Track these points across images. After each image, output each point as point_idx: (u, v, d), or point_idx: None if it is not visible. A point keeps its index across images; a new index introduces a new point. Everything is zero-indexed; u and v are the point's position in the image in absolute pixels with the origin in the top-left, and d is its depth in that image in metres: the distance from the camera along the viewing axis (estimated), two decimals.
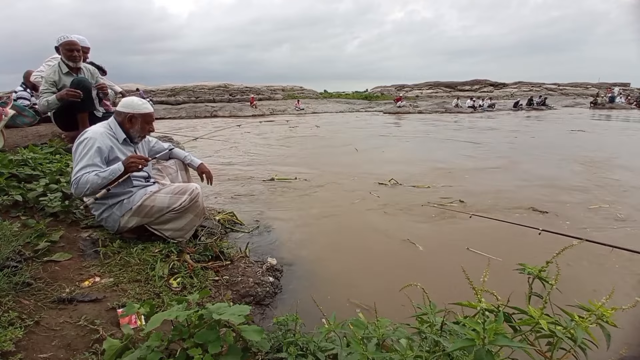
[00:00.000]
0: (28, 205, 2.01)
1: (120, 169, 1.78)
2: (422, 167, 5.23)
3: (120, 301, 1.44)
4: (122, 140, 1.94)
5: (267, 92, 27.23)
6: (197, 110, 19.75)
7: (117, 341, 1.04)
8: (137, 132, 1.97)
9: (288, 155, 6.61)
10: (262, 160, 5.99)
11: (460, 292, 1.79)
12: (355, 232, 2.87)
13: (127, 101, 1.97)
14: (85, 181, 1.71)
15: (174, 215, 1.93)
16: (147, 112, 1.97)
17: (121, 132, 1.94)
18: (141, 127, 1.97)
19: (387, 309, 1.63)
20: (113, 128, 1.94)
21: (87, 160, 1.76)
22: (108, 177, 1.75)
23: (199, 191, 1.99)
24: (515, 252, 2.44)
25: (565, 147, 7.14)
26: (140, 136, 2.01)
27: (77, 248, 1.82)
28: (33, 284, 1.40)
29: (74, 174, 1.75)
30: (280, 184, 4.31)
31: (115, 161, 1.85)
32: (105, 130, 1.91)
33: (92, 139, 1.81)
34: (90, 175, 1.72)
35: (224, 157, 6.35)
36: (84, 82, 2.87)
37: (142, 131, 1.98)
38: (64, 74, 2.98)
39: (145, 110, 1.97)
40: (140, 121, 1.96)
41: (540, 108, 22.07)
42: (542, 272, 0.71)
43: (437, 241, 2.66)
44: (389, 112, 20.05)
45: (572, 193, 3.84)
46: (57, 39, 2.95)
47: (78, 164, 1.76)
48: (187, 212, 1.97)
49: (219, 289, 1.79)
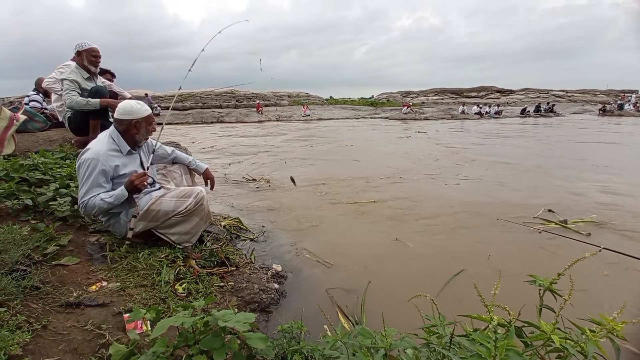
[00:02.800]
0: (38, 210, 2.04)
1: (125, 194, 1.81)
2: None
3: (127, 306, 1.45)
4: (127, 152, 1.93)
5: (273, 98, 27.44)
6: (204, 116, 19.94)
7: (123, 346, 1.04)
8: (142, 136, 1.99)
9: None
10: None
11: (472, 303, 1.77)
12: (361, 237, 2.86)
13: (127, 108, 1.92)
14: (92, 206, 1.77)
15: (180, 218, 1.94)
16: (148, 114, 2.00)
17: (125, 144, 1.92)
18: (145, 130, 2.00)
19: (395, 318, 1.61)
20: (116, 141, 1.91)
21: (90, 183, 1.77)
22: (113, 202, 1.80)
23: (203, 194, 2.00)
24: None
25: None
26: (145, 139, 2.03)
27: (85, 252, 1.84)
28: (41, 287, 1.41)
29: (80, 198, 1.81)
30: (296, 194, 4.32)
31: (120, 179, 1.87)
32: (107, 147, 1.87)
33: (94, 160, 1.78)
34: (96, 200, 1.77)
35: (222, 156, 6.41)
36: (101, 92, 2.94)
37: (146, 133, 2.02)
38: (85, 79, 3.06)
39: (147, 113, 1.99)
40: (145, 124, 1.98)
41: (548, 115, 21.91)
42: (553, 284, 0.69)
43: (443, 247, 2.63)
44: (394, 118, 20.05)
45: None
46: (79, 44, 3.02)
47: (82, 187, 1.79)
48: (193, 215, 1.98)
49: (224, 295, 1.79)
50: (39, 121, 3.80)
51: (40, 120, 3.81)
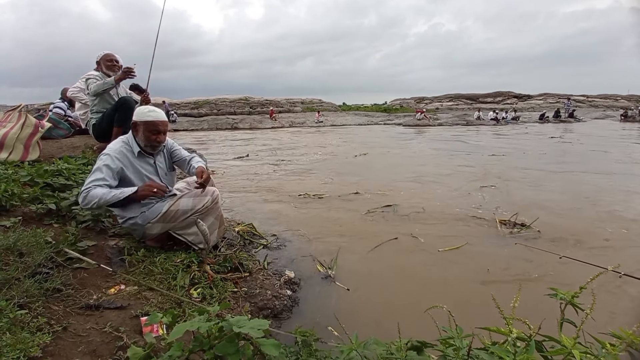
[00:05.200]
0: (61, 214, 2.11)
1: (131, 192, 1.80)
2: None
3: (144, 309, 1.48)
4: (137, 153, 1.96)
5: (286, 104, 27.70)
6: (219, 123, 20.30)
7: (140, 349, 1.06)
8: (141, 140, 1.96)
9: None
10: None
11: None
12: (372, 245, 2.83)
13: (137, 110, 2.02)
14: (94, 194, 1.72)
15: (197, 217, 1.96)
16: (150, 120, 1.92)
17: (136, 145, 1.97)
18: (145, 136, 1.94)
19: (411, 328, 1.58)
20: (129, 142, 1.98)
21: (98, 173, 1.80)
22: (119, 196, 1.77)
23: (218, 193, 2.08)
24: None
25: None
26: (146, 145, 1.97)
27: (105, 256, 1.89)
28: (63, 290, 1.45)
29: (85, 185, 1.77)
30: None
31: (126, 180, 1.90)
32: (121, 145, 1.94)
33: (107, 155, 1.86)
34: (100, 190, 1.74)
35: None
36: (129, 103, 3.07)
37: (146, 140, 1.95)
38: None
39: (148, 119, 1.92)
40: (143, 129, 1.93)
41: (568, 120, 21.30)
42: (575, 298, 0.67)
43: (462, 266, 2.58)
44: (408, 124, 19.91)
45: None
46: (98, 55, 3.30)
47: (90, 176, 1.80)
48: (209, 214, 2.03)
49: (238, 300, 1.81)
50: (62, 128, 3.96)
51: (64, 127, 3.97)
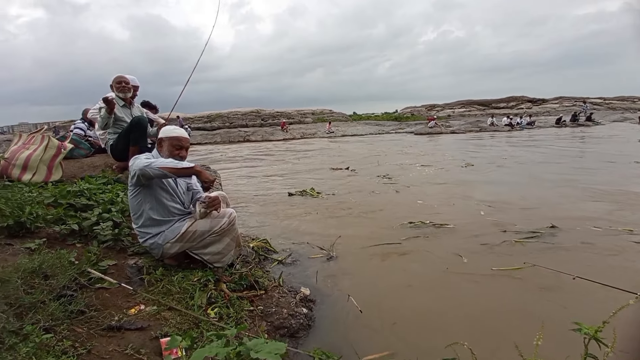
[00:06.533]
0: (83, 234, 2.18)
1: (187, 166, 1.91)
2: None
3: (163, 330, 1.50)
4: None
5: (297, 116, 27.99)
6: (231, 136, 20.64)
7: None
8: (165, 155, 2.04)
9: None
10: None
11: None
12: (387, 259, 2.81)
13: (163, 129, 2.16)
14: (155, 162, 1.86)
15: (214, 238, 2.01)
16: (174, 136, 2.08)
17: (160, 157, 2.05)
18: (169, 151, 2.06)
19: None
20: (155, 156, 2.05)
21: (144, 159, 1.90)
22: (177, 165, 1.88)
23: (235, 215, 2.11)
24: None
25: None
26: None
27: (125, 275, 1.93)
28: (86, 312, 1.49)
29: (141, 166, 1.84)
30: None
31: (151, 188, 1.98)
32: (146, 156, 2.02)
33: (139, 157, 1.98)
34: (159, 161, 1.87)
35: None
36: (142, 122, 3.19)
37: (169, 155, 2.04)
38: (121, 107, 3.41)
39: (173, 134, 2.08)
40: (167, 144, 2.06)
41: (586, 124, 20.74)
42: (598, 332, 0.66)
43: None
44: (420, 132, 19.79)
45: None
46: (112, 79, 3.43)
47: (141, 162, 1.86)
48: (225, 235, 2.05)
49: (254, 319, 1.82)
50: (83, 148, 4.12)
51: (84, 147, 4.13)
